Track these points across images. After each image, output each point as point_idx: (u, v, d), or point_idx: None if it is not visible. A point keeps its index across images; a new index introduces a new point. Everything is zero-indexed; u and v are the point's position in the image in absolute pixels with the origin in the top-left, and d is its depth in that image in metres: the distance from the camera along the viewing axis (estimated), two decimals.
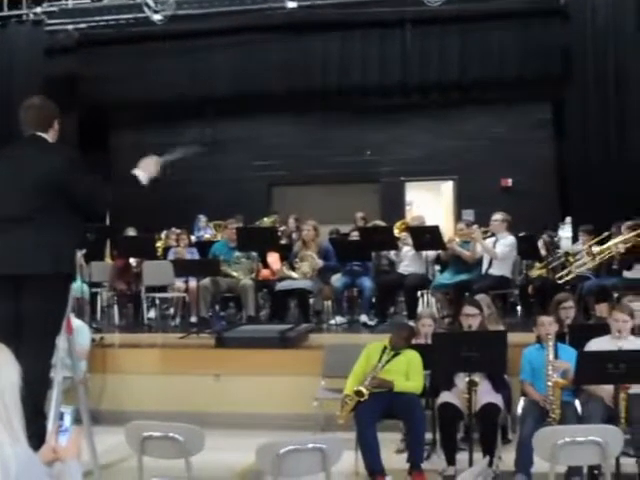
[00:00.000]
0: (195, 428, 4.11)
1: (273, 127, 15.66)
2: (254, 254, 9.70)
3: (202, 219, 13.58)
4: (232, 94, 14.47)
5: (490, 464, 5.69)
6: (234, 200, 14.55)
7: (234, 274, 9.65)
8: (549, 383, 5.71)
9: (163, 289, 10.25)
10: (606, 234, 9.09)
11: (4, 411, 2.41)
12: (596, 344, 5.84)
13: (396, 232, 9.80)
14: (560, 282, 8.78)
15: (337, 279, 9.75)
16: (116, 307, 10.46)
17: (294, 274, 9.60)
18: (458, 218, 13.67)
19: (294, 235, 11.48)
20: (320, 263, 9.55)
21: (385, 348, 6.22)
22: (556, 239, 11.95)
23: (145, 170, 4.49)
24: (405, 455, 5.91)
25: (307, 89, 14.50)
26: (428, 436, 6.21)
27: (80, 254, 8.82)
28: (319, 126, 15.50)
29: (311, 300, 9.65)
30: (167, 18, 12.98)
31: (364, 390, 5.89)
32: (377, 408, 5.84)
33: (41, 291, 4.20)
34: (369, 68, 14.34)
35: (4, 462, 2.34)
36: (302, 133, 15.66)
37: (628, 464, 5.50)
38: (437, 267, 10.08)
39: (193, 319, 9.70)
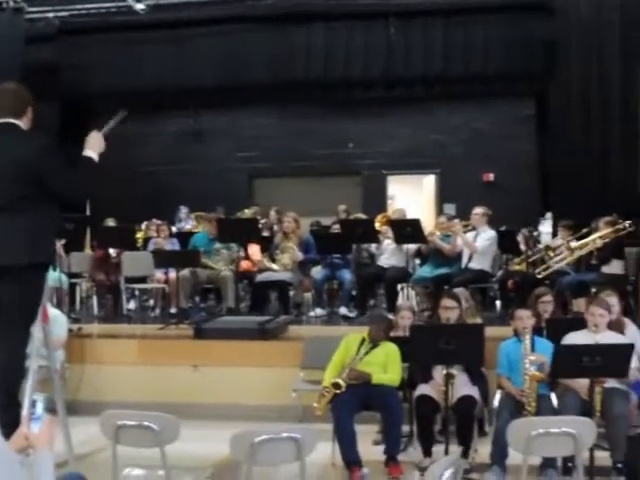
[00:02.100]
0: (170, 417, 4.10)
1: (255, 118, 15.63)
2: (234, 246, 9.68)
3: (183, 210, 13.54)
4: (215, 85, 14.37)
5: (465, 456, 5.72)
6: (216, 191, 14.54)
7: (214, 265, 9.63)
8: (525, 376, 5.75)
9: (143, 280, 10.22)
10: (585, 230, 9.13)
11: None
12: (573, 338, 5.87)
13: (377, 225, 9.81)
14: (539, 277, 8.82)
15: (317, 271, 9.77)
16: (95, 298, 10.40)
17: (274, 266, 9.59)
18: (440, 212, 13.72)
19: (275, 227, 11.46)
20: (300, 255, 9.54)
21: (363, 340, 6.23)
22: (536, 234, 12.00)
23: (93, 148, 4.44)
24: (382, 447, 5.93)
25: (290, 81, 14.42)
26: (405, 428, 6.23)
27: (59, 244, 8.77)
28: (302, 118, 15.48)
29: (291, 292, 9.66)
30: (150, 7, 12.90)
31: (342, 382, 5.90)
32: (355, 400, 5.85)
33: (16, 280, 4.17)
34: (353, 60, 14.28)
35: None
36: (285, 125, 15.63)
37: (602, 457, 5.55)
38: (417, 260, 10.11)
39: (173, 310, 9.69)
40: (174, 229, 12.33)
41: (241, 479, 3.79)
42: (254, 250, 10.08)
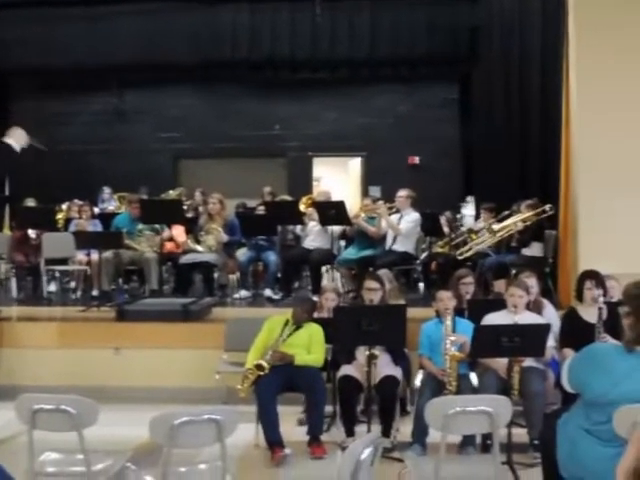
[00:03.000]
0: (88, 400, 4.03)
1: (180, 98, 15.43)
2: (158, 227, 9.57)
3: (106, 191, 13.30)
4: (138, 63, 14.16)
5: (387, 435, 5.80)
6: (140, 172, 14.32)
7: (137, 247, 9.50)
8: (446, 356, 5.84)
9: (64, 262, 10.01)
10: (506, 213, 9.30)
11: None
12: (493, 318, 5.99)
13: (302, 207, 9.81)
14: (461, 258, 8.95)
15: (242, 253, 9.73)
16: (14, 280, 10.14)
17: (199, 247, 9.50)
18: (365, 194, 13.78)
19: (200, 208, 11.36)
20: (225, 237, 9.48)
21: (287, 322, 6.23)
22: (459, 217, 12.19)
23: (15, 138, 4.35)
24: (305, 427, 5.96)
25: (216, 60, 14.32)
26: (328, 408, 6.27)
27: None
28: (228, 99, 15.33)
29: (216, 274, 9.58)
30: None
31: (265, 364, 5.90)
32: (278, 381, 5.87)
33: None
34: (278, 42, 14.25)
35: None
36: (210, 105, 15.46)
37: (520, 434, 5.69)
38: (342, 242, 10.16)
39: (94, 292, 9.51)
40: (96, 210, 12.10)
41: (161, 462, 3.74)
42: (178, 231, 9.96)
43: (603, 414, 3.53)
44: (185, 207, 10.68)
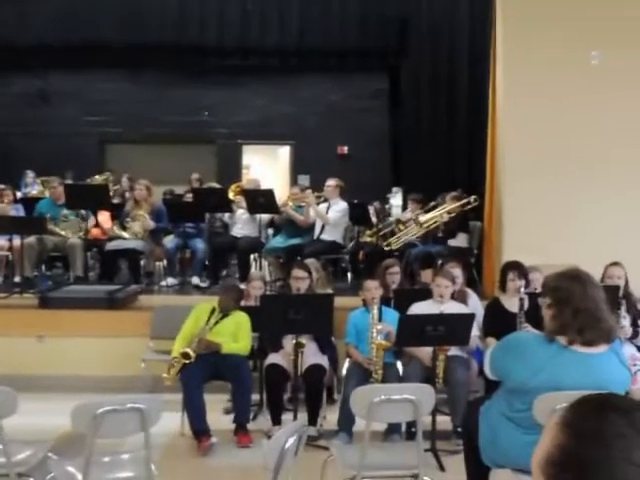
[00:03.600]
0: (6, 389, 3.93)
1: (108, 82, 15.14)
2: (83, 212, 9.39)
3: (29, 174, 12.96)
4: (62, 45, 13.82)
5: (314, 423, 5.84)
6: (64, 156, 14.00)
7: (62, 233, 9.31)
8: (372, 345, 5.90)
9: None
10: (432, 204, 9.42)
11: None
12: (418, 308, 6.07)
13: (230, 195, 9.75)
14: (389, 249, 9.04)
15: (169, 240, 9.62)
16: None
17: (125, 234, 9.36)
18: (294, 183, 13.80)
19: (127, 194, 11.20)
20: (152, 224, 9.36)
21: (214, 310, 6.20)
22: (387, 207, 12.29)
23: None
24: (232, 416, 5.96)
25: (144, 45, 14.09)
26: (255, 397, 6.29)
27: None
28: (156, 83, 15.13)
29: (142, 261, 9.46)
30: None
31: (191, 352, 5.87)
32: (204, 370, 5.84)
33: None
34: (207, 27, 14.12)
35: None
36: (138, 90, 15.21)
37: (444, 421, 5.80)
38: (270, 231, 10.16)
39: (17, 279, 9.27)
40: (19, 194, 11.80)
41: (84, 452, 3.69)
42: (104, 218, 9.80)
43: (524, 402, 3.61)
44: (111, 193, 10.51)
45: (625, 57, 7.79)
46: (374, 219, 10.45)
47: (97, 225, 9.76)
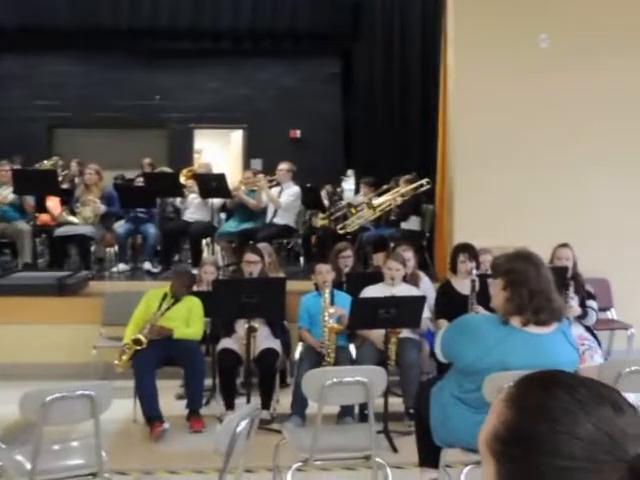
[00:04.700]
0: None
1: (57, 65, 14.88)
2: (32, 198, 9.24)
3: None
4: (9, 26, 13.54)
5: (267, 407, 5.84)
6: (12, 141, 13.74)
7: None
8: (325, 328, 5.91)
9: None
10: (385, 187, 9.45)
11: None
12: (370, 291, 6.09)
13: (182, 179, 9.69)
14: (341, 232, 9.06)
15: (120, 225, 9.52)
16: None
17: (75, 219, 9.23)
18: (247, 167, 13.74)
19: (76, 179, 11.04)
20: (102, 208, 9.24)
21: (165, 295, 6.16)
22: (339, 190, 12.31)
23: None
24: (185, 401, 5.93)
25: (95, 27, 13.85)
26: (208, 382, 6.26)
27: None
28: (107, 67, 14.91)
29: (93, 247, 9.35)
30: None
31: (142, 338, 5.81)
32: (156, 355, 5.80)
33: None
34: (160, 10, 13.95)
35: None
36: (88, 73, 14.97)
37: (396, 403, 5.84)
38: (223, 215, 10.11)
39: None
40: None
41: (33, 440, 3.64)
42: (53, 203, 9.65)
43: (473, 382, 3.65)
44: (60, 178, 10.34)
45: (574, 40, 7.86)
46: (326, 203, 10.47)
47: (45, 210, 9.61)
